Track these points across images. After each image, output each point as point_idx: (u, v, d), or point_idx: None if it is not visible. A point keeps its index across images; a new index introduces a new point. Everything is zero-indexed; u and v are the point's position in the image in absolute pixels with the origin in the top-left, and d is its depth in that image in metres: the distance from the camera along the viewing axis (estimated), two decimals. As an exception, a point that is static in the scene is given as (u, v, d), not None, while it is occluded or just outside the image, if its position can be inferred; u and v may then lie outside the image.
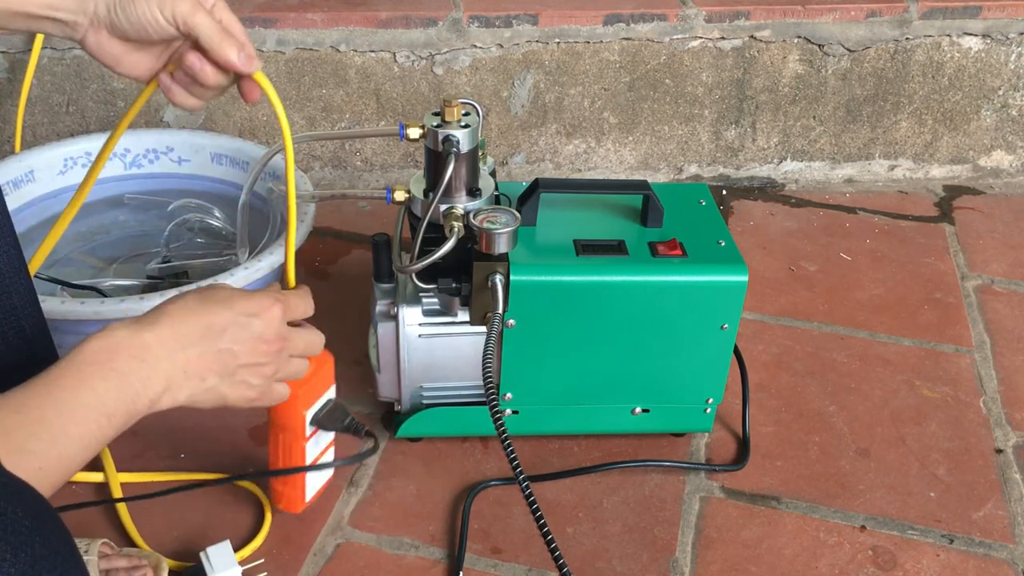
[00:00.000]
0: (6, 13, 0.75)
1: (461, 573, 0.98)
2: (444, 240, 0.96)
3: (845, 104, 1.62)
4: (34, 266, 0.93)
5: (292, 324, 0.85)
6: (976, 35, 1.57)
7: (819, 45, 1.56)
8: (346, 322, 1.28)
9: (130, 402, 0.69)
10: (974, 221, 1.61)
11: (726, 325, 1.03)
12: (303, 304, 0.86)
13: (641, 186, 1.06)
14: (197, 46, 0.78)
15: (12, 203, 1.33)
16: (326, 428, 0.95)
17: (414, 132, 0.97)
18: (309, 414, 0.93)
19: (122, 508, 1.01)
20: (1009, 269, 1.48)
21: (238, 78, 0.82)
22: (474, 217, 0.97)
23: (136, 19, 0.76)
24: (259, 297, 0.80)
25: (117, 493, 1.03)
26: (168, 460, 1.09)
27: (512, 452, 0.86)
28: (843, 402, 1.22)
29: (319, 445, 0.97)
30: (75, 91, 1.51)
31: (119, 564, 0.90)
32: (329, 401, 0.95)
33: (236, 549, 0.96)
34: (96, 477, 1.05)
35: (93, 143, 1.41)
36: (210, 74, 0.79)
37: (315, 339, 0.87)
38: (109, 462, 1.05)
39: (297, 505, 0.99)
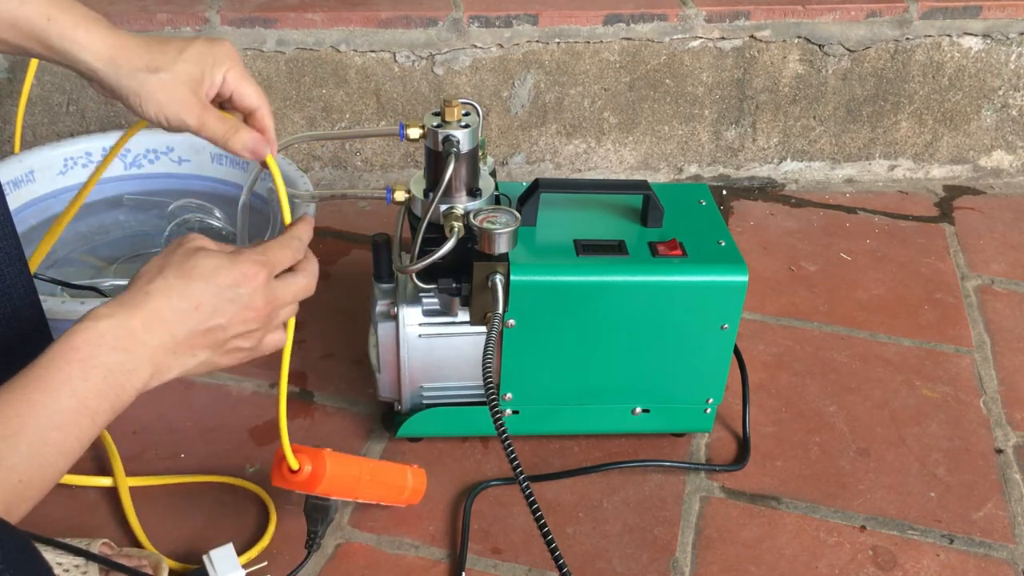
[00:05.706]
0: (26, 38, 0.76)
1: (464, 574, 0.98)
2: (444, 240, 0.96)
3: (845, 104, 1.62)
4: (32, 266, 0.93)
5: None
6: (976, 35, 1.57)
7: (819, 45, 1.56)
8: (346, 322, 1.28)
9: (115, 397, 0.66)
10: (974, 221, 1.60)
11: (726, 325, 1.03)
12: (288, 254, 0.79)
13: (641, 186, 1.06)
14: None
15: (12, 203, 1.33)
16: (310, 515, 0.97)
17: (414, 132, 0.97)
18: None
19: (129, 509, 1.01)
20: (1009, 269, 1.48)
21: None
22: (474, 217, 0.97)
23: (146, 115, 0.79)
24: (241, 264, 0.74)
25: (126, 498, 1.02)
26: (168, 460, 1.09)
27: (512, 452, 0.86)
28: (843, 402, 1.22)
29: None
30: (75, 91, 1.51)
31: (119, 564, 0.90)
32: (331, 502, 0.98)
33: (238, 551, 0.95)
34: (104, 481, 1.05)
35: (93, 143, 1.41)
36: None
37: (304, 283, 0.80)
38: (118, 466, 1.05)
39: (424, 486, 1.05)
